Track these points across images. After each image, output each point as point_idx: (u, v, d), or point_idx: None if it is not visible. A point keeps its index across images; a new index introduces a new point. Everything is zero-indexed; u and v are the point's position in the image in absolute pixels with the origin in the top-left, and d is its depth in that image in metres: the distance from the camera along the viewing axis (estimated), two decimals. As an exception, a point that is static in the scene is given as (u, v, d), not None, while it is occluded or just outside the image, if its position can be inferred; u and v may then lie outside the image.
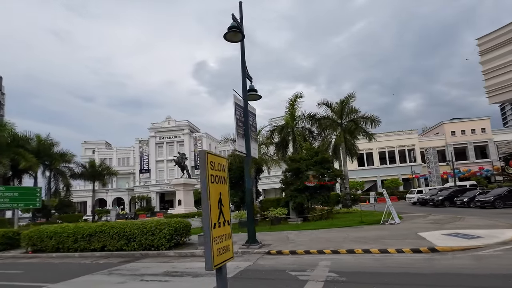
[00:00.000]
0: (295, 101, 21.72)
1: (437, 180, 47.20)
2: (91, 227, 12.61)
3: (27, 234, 13.62)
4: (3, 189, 16.34)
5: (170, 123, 70.33)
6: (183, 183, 38.91)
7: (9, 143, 32.69)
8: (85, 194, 69.08)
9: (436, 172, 48.31)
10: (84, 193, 67.67)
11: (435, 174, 48.35)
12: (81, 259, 11.63)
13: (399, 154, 59.05)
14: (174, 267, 8.35)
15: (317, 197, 18.90)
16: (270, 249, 9.77)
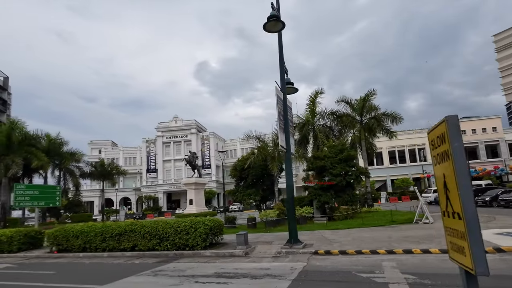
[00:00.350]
0: (316, 97, 21.19)
1: None
2: (120, 226, 12.14)
3: (52, 233, 13.17)
4: (23, 187, 15.91)
5: (177, 123, 69.94)
6: (194, 182, 38.42)
7: (20, 142, 32.36)
8: (92, 194, 68.82)
9: None
10: (91, 193, 67.37)
11: None
12: (112, 259, 11.15)
13: (409, 153, 58.38)
14: (223, 268, 7.84)
15: (342, 196, 18.37)
16: (317, 249, 9.26)
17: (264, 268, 7.59)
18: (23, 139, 32.56)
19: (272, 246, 10.78)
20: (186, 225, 10.97)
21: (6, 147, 30.43)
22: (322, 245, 10.12)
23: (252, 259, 9.04)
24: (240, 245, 10.26)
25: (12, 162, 29.59)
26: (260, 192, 19.42)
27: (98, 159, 61.03)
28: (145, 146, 71.61)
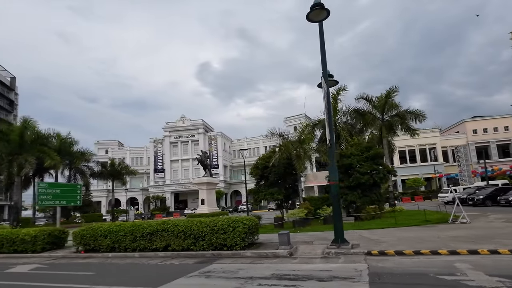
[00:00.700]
0: (338, 94, 20.67)
1: (469, 179, 45.72)
2: (151, 225, 11.66)
3: (79, 232, 12.72)
4: (46, 185, 15.50)
5: (185, 122, 69.65)
6: (206, 182, 37.85)
7: (33, 141, 32.07)
8: (99, 194, 68.59)
9: (468, 171, 46.84)
10: (98, 193, 67.13)
11: (466, 173, 46.87)
12: (145, 259, 10.67)
13: (419, 153, 57.69)
14: (278, 270, 7.34)
15: (369, 195, 17.84)
16: (368, 249, 8.73)
17: (324, 269, 7.07)
18: (35, 138, 32.26)
19: (314, 246, 10.27)
20: (223, 224, 10.47)
21: (19, 146, 30.14)
22: (369, 245, 9.60)
23: (300, 260, 8.53)
24: (283, 245, 9.75)
25: (25, 161, 29.30)
26: (283, 191, 18.91)
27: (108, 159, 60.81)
28: (153, 146, 71.34)
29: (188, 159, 68.81)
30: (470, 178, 46.37)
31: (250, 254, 9.72)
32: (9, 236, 14.13)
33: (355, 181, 17.46)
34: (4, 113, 78.77)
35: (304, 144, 18.88)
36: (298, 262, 8.31)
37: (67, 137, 40.02)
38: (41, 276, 8.76)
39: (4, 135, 30.30)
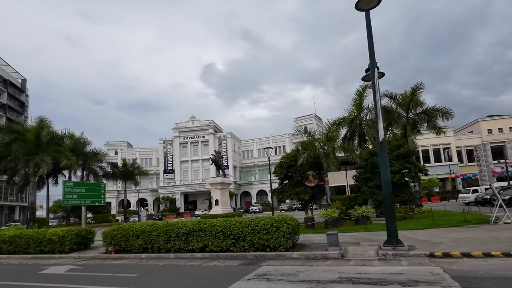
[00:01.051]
0: (364, 91, 20.09)
1: (489, 179, 44.65)
2: (187, 224, 11.18)
3: (110, 232, 12.29)
4: (71, 184, 15.13)
5: (194, 123, 69.38)
6: (220, 182, 37.39)
7: (48, 141, 31.92)
8: (110, 194, 68.43)
9: (488, 171, 45.78)
10: (109, 194, 66.99)
11: (486, 173, 45.82)
12: (183, 260, 10.18)
13: (433, 153, 56.65)
14: (341, 272, 6.79)
15: (400, 194, 17.20)
16: (430, 251, 8.14)
17: (394, 272, 6.51)
18: (51, 138, 32.11)
19: (364, 248, 9.69)
20: (266, 224, 9.96)
21: (35, 146, 30.00)
22: (424, 246, 9.01)
23: (356, 262, 7.97)
24: (332, 246, 9.19)
25: (42, 161, 29.13)
26: (309, 191, 18.34)
27: (117, 160, 60.76)
28: (162, 146, 71.18)
29: (197, 159, 68.52)
30: (490, 178, 45.28)
31: (297, 256, 9.18)
32: (36, 236, 13.77)
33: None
34: (15, 115, 79.30)
35: (332, 141, 18.27)
36: (356, 264, 7.76)
37: (80, 138, 39.89)
38: (81, 278, 8.32)
39: (20, 135, 30.18)
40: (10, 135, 30.06)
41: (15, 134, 30.33)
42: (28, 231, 14.44)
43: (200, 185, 66.67)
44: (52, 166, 31.14)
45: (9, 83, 77.41)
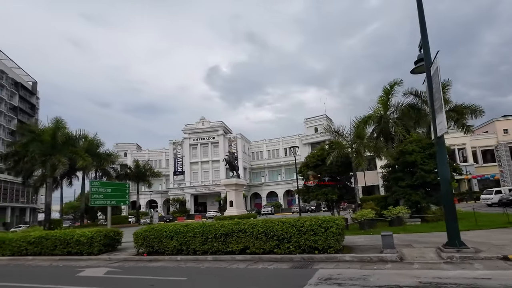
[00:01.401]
0: (392, 88, 19.45)
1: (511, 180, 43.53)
2: (225, 225, 10.67)
3: (142, 233, 11.83)
4: (98, 184, 14.75)
5: (204, 124, 69.10)
6: (235, 183, 36.92)
7: (64, 142, 31.75)
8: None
9: (510, 171, 44.63)
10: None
11: (508, 173, 44.67)
12: (223, 263, 9.66)
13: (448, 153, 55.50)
14: (418, 277, 6.19)
15: (433, 194, 16.51)
16: (503, 254, 7.51)
17: (477, 277, 5.91)
18: (66, 139, 31.93)
19: (421, 250, 9.08)
20: (313, 224, 9.40)
21: (51, 147, 29.82)
22: (489, 248, 8.38)
23: (421, 265, 7.36)
24: (388, 248, 8.60)
25: (59, 162, 28.91)
26: (336, 191, 17.73)
27: (127, 162, 60.67)
28: (172, 148, 70.98)
29: (207, 161, 68.16)
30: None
31: (350, 258, 8.60)
32: (63, 237, 13.36)
33: (419, 179, 16.17)
34: (26, 117, 79.85)
35: (363, 139, 17.64)
36: (422, 268, 7.16)
37: (93, 139, 39.74)
38: (126, 282, 7.84)
39: (37, 136, 30.04)
40: (27, 135, 29.92)
41: (32, 134, 30.20)
42: (54, 232, 14.05)
43: (210, 187, 66.28)
44: (68, 167, 30.91)
45: (20, 86, 78.01)
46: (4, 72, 71.67)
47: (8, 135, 72.14)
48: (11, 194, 68.82)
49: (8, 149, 31.73)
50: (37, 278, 9.01)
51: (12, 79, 74.84)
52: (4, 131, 70.44)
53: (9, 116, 72.43)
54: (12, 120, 73.60)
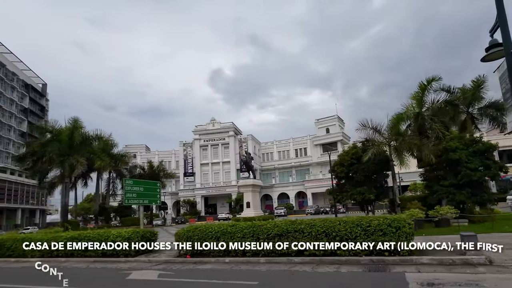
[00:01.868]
0: (429, 84, 18.64)
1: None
2: (278, 224, 9.94)
3: (184, 234, 11.14)
4: (131, 182, 14.12)
5: (215, 125, 68.52)
6: (252, 184, 36.25)
7: (81, 142, 31.29)
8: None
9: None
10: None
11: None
12: (280, 265, 8.93)
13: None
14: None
15: (479, 194, 15.65)
16: None
17: None
18: (83, 139, 31.48)
19: (506, 253, 8.28)
20: (381, 224, 8.64)
21: (68, 147, 29.36)
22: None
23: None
24: (472, 250, 7.82)
25: (77, 162, 28.41)
26: (373, 190, 16.94)
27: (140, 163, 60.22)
28: (182, 149, 70.48)
29: (218, 162, 67.51)
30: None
31: (428, 261, 7.83)
32: (97, 238, 12.73)
33: (465, 178, 15.33)
34: (36, 119, 79.97)
35: (403, 136, 16.83)
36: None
37: (108, 139, 39.25)
38: (187, 286, 7.13)
39: (55, 136, 29.61)
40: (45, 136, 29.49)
41: (50, 134, 29.77)
42: (87, 232, 13.43)
43: (221, 188, 65.57)
44: (87, 168, 30.42)
45: (31, 88, 78.17)
46: (15, 74, 71.83)
47: (19, 137, 72.20)
48: (21, 195, 68.67)
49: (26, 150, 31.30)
50: (86, 282, 8.33)
51: (23, 81, 74.99)
52: (14, 133, 70.49)
53: (19, 118, 72.51)
54: (23, 122, 73.66)
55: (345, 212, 48.50)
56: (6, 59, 68.80)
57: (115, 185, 40.90)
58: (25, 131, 73.45)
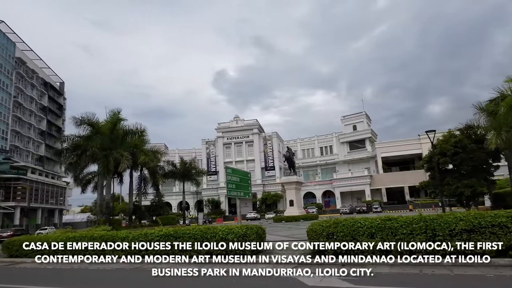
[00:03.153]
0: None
1: None
2: (464, 218, 7.97)
3: (324, 230, 9.23)
4: (231, 171, 12.28)
5: (238, 123, 66.79)
6: (295, 181, 34.24)
7: (122, 136, 29.64)
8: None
9: None
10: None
11: None
12: (487, 269, 6.97)
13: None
14: None
15: None
16: None
17: None
18: (124, 133, 29.80)
19: None
20: None
21: (110, 141, 27.70)
22: None
23: None
24: None
25: (121, 156, 26.72)
26: (483, 183, 14.91)
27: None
28: (205, 147, 68.80)
29: (242, 160, 65.70)
30: None
31: None
32: (199, 235, 10.91)
33: None
34: (54, 117, 78.95)
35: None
36: None
37: (142, 134, 37.54)
38: None
39: (97, 129, 27.97)
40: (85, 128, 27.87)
41: (90, 127, 28.14)
42: (185, 228, 11.60)
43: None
44: (132, 162, 28.70)
45: (49, 86, 77.09)
46: (35, 72, 70.78)
47: (38, 135, 71.01)
48: (41, 195, 67.41)
49: (65, 144, 29.72)
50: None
51: (42, 79, 73.92)
52: (34, 131, 69.31)
53: (39, 116, 71.36)
54: (42, 121, 72.46)
55: (381, 211, 46.32)
56: (26, 56, 67.78)
57: (146, 183, 39.19)
58: (44, 129, 72.32)
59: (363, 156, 62.15)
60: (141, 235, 12.08)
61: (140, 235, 12.10)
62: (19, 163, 62.76)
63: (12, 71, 61.53)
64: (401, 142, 58.31)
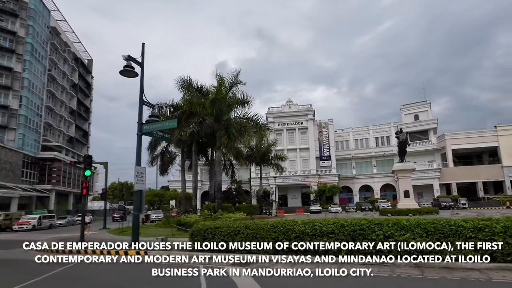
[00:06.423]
0: None
1: None
2: None
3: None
4: None
5: (291, 108, 62.07)
6: (412, 169, 29.72)
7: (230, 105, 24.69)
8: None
9: None
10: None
11: None
12: None
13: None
14: None
15: None
16: None
17: None
18: (235, 102, 24.91)
19: None
20: None
21: (227, 108, 22.87)
22: None
23: None
24: None
25: (244, 128, 21.90)
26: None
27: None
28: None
29: (294, 149, 61.10)
30: None
31: None
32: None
33: None
34: (83, 96, 73.65)
35: None
36: None
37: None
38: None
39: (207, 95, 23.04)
40: (197, 95, 22.96)
41: (200, 94, 23.21)
42: (372, 219, 7.10)
43: (299, 178, 59.28)
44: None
45: (80, 62, 71.52)
46: (67, 45, 65.30)
47: (69, 115, 65.62)
48: (73, 179, 62.32)
49: (179, 112, 24.82)
50: None
51: (73, 54, 68.44)
52: (66, 110, 63.89)
53: (70, 93, 65.93)
54: (72, 99, 67.03)
55: (467, 208, 42.12)
56: (60, 27, 61.94)
57: (229, 167, 34.33)
58: (74, 108, 67.01)
59: (428, 148, 57.68)
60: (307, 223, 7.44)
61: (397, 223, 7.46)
62: (51, 142, 57.64)
63: (47, 42, 55.89)
64: (474, 134, 53.97)
